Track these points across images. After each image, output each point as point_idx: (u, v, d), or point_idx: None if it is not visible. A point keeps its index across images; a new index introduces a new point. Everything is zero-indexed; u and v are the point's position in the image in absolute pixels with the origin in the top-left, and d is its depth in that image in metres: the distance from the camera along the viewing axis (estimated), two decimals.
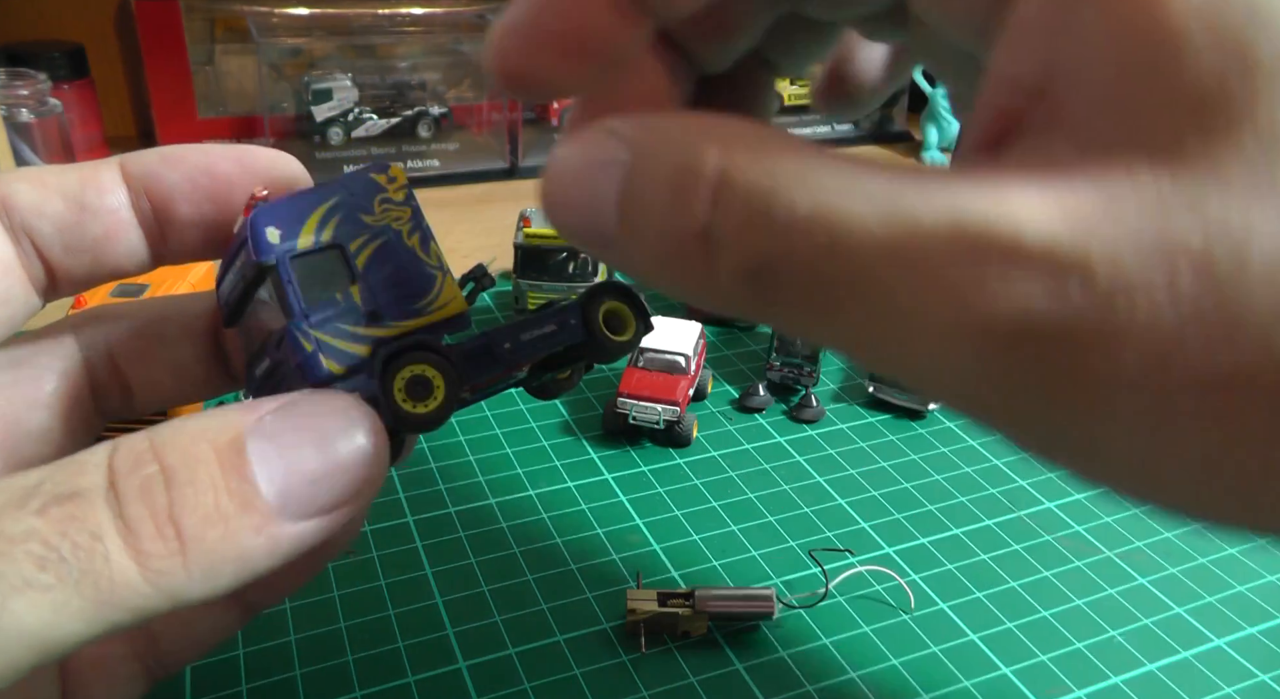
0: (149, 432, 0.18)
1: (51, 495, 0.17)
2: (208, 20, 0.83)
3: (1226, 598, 0.41)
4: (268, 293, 0.21)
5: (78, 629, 0.16)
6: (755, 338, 0.60)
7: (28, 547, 0.16)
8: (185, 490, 0.17)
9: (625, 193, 0.17)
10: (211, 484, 0.17)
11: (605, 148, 0.17)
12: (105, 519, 0.17)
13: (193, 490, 0.17)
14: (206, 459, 0.18)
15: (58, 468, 0.17)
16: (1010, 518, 0.46)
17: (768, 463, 0.49)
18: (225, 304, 0.23)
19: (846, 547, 0.43)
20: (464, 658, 0.37)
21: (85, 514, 0.17)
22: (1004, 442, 0.17)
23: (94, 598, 0.16)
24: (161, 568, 0.17)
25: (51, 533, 0.16)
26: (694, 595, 0.38)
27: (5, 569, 0.16)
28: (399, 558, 0.41)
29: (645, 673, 0.36)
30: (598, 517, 0.44)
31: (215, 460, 0.18)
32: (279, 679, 0.36)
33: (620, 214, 0.17)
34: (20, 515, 0.16)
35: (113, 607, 0.17)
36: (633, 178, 0.17)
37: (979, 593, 0.41)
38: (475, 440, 0.49)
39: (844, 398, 0.55)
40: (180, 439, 0.18)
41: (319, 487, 0.18)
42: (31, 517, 0.16)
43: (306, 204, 0.21)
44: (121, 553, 0.17)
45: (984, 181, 0.14)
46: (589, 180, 0.17)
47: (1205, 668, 0.38)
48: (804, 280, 0.15)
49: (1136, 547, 0.44)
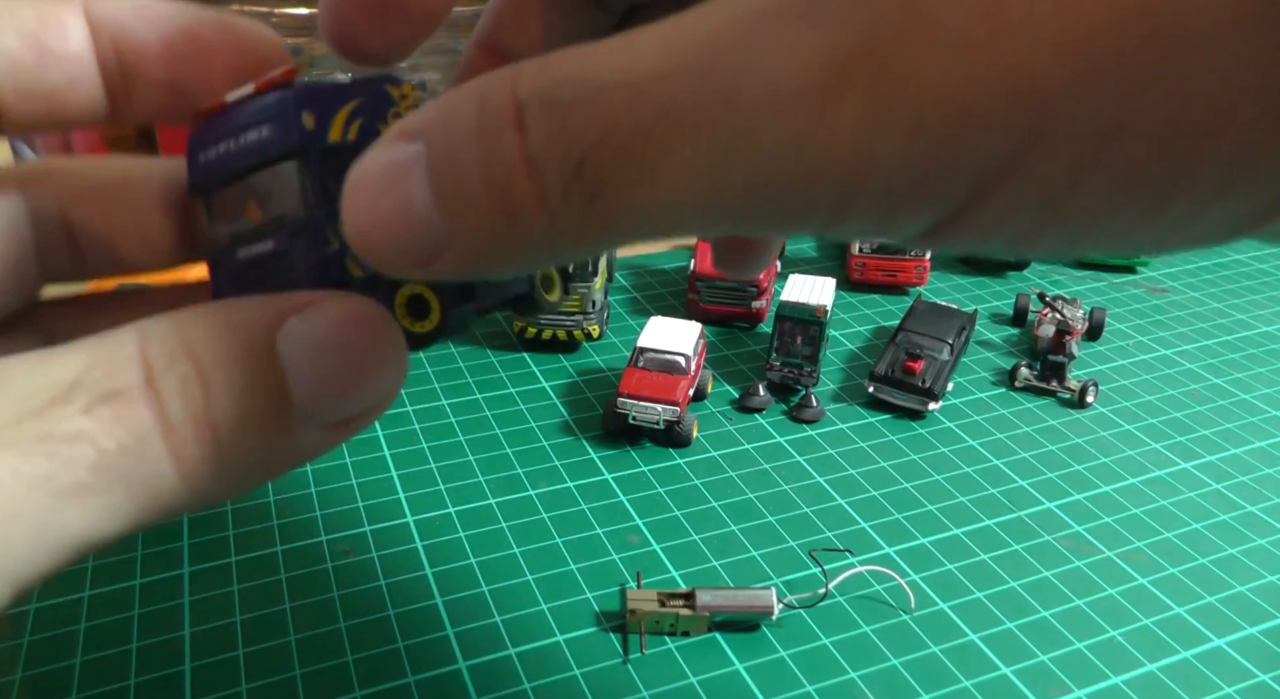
0: (174, 321, 0.17)
1: (97, 394, 0.16)
2: None
3: (1226, 598, 0.41)
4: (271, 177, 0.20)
5: (117, 530, 0.16)
6: (755, 338, 0.60)
7: (80, 449, 0.15)
8: (221, 394, 0.17)
9: (436, 175, 0.16)
10: (246, 388, 0.17)
11: (395, 150, 0.16)
12: (148, 420, 0.16)
13: (228, 395, 0.17)
14: (240, 361, 0.17)
15: (90, 358, 0.16)
16: (1010, 518, 0.46)
17: (768, 463, 0.49)
18: (205, 170, 0.21)
19: (846, 547, 0.43)
20: (464, 658, 0.37)
21: (130, 415, 0.16)
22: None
23: (139, 501, 0.16)
24: (198, 472, 0.17)
25: (101, 434, 0.16)
26: (694, 595, 0.38)
27: (57, 472, 0.15)
28: (399, 558, 0.41)
29: (645, 673, 0.36)
30: (598, 517, 0.44)
31: (248, 363, 0.17)
32: (279, 679, 0.36)
33: (438, 201, 0.16)
34: (68, 414, 0.16)
35: (152, 509, 0.16)
36: (436, 156, 0.16)
37: (979, 593, 0.41)
38: (475, 440, 0.49)
39: (844, 398, 0.55)
40: (211, 336, 0.17)
41: (345, 398, 0.18)
42: (80, 416, 0.16)
43: (335, 98, 0.20)
44: (164, 455, 0.16)
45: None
46: (393, 189, 0.16)
47: (1205, 668, 0.38)
48: (625, 145, 0.14)
49: (1136, 547, 0.44)
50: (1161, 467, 0.50)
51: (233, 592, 0.40)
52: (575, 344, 0.58)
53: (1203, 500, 0.48)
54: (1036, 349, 0.59)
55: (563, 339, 0.57)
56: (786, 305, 0.53)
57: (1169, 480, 0.49)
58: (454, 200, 0.16)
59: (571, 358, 0.57)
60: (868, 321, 0.63)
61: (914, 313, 0.58)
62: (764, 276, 0.60)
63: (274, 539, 0.42)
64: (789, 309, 0.53)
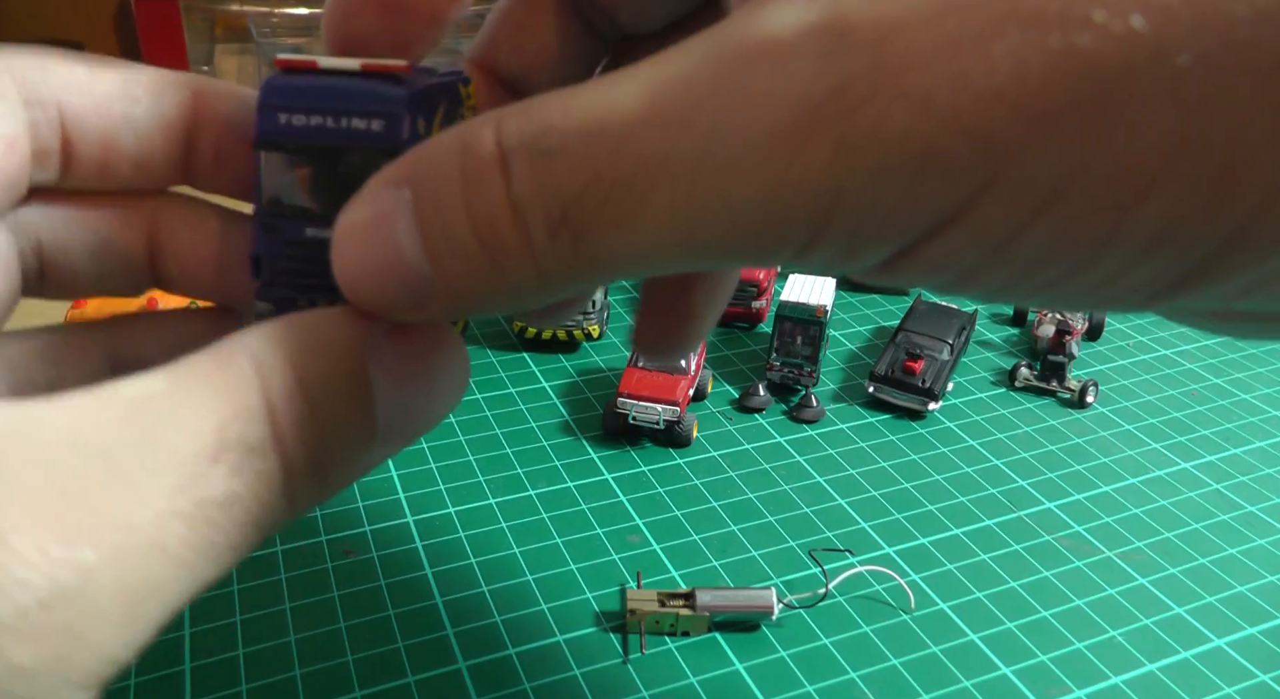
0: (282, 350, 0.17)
1: (240, 451, 0.16)
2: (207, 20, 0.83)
3: (1226, 598, 0.41)
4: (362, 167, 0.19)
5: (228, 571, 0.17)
6: (755, 338, 0.60)
7: (234, 512, 0.16)
8: (329, 430, 0.17)
9: (423, 221, 0.16)
10: (347, 421, 0.17)
11: (382, 198, 0.17)
12: (277, 469, 0.16)
13: (334, 430, 0.17)
14: (343, 395, 0.17)
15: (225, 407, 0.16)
16: (1010, 518, 0.46)
17: (768, 463, 0.49)
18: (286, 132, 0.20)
19: (846, 547, 0.43)
20: (464, 658, 0.37)
21: (266, 468, 0.16)
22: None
23: (254, 545, 0.17)
24: (301, 508, 0.17)
25: (248, 495, 0.16)
26: (694, 595, 0.38)
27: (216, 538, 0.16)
28: (399, 558, 0.41)
29: (645, 673, 0.36)
30: (598, 517, 0.44)
31: (350, 391, 0.17)
32: (279, 679, 0.36)
33: (426, 247, 0.16)
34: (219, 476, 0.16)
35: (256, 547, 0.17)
36: (422, 203, 0.16)
37: (979, 593, 0.41)
38: (475, 440, 0.49)
39: (844, 398, 0.55)
40: (315, 364, 0.17)
41: (417, 423, 0.19)
42: (230, 478, 0.16)
43: (435, 100, 0.20)
44: (282, 499, 0.17)
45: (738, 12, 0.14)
46: (381, 237, 0.17)
47: (1205, 668, 0.38)
48: (608, 193, 0.15)
49: (1136, 547, 0.44)
50: (1161, 467, 0.50)
51: (233, 592, 0.40)
52: (575, 344, 0.58)
53: (1203, 500, 0.48)
54: (1036, 349, 0.59)
55: (563, 339, 0.57)
56: (786, 305, 0.53)
57: (1169, 480, 0.49)
58: (441, 246, 0.16)
59: (571, 358, 0.57)
60: (868, 321, 0.63)
61: (914, 313, 0.58)
62: (764, 276, 0.60)
63: (274, 539, 0.42)
64: (789, 309, 0.53)
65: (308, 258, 0.20)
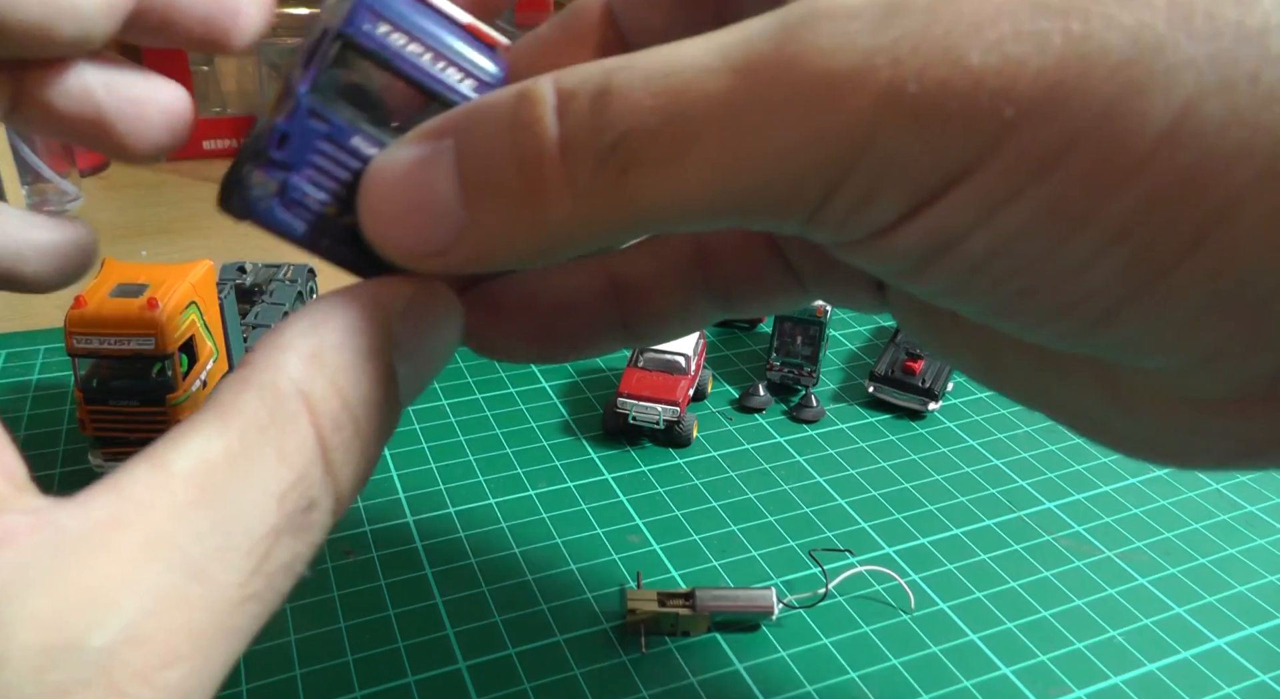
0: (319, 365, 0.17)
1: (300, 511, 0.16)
2: None
3: (1226, 598, 0.41)
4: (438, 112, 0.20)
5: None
6: (755, 338, 0.60)
7: (295, 571, 0.16)
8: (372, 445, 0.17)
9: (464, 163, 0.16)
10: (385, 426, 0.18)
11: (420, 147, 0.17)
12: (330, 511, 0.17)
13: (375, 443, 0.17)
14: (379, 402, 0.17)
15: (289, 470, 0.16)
16: (1010, 518, 0.46)
17: (768, 463, 0.49)
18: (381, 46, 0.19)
19: (846, 547, 0.43)
20: (464, 658, 0.37)
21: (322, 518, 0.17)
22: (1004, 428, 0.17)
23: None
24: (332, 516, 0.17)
25: (306, 551, 0.16)
26: (694, 595, 0.38)
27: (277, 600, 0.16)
28: (399, 558, 0.41)
29: (645, 673, 0.36)
30: (598, 517, 0.44)
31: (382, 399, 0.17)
32: (279, 679, 0.36)
33: (464, 188, 0.16)
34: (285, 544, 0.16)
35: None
36: (467, 147, 0.16)
37: (979, 593, 0.41)
38: (475, 440, 0.49)
39: (844, 398, 0.55)
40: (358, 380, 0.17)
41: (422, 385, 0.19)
42: (292, 541, 0.16)
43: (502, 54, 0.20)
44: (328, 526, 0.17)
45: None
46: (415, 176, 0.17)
47: (1205, 668, 0.38)
48: (661, 128, 0.15)
49: (1136, 547, 0.44)
50: (1161, 466, 0.50)
51: None
52: None
53: (1203, 500, 0.48)
54: None
55: None
56: None
57: (1169, 480, 0.49)
58: (480, 186, 0.16)
59: None
60: (868, 321, 0.63)
61: None
62: None
63: None
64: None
65: (339, 163, 0.19)
